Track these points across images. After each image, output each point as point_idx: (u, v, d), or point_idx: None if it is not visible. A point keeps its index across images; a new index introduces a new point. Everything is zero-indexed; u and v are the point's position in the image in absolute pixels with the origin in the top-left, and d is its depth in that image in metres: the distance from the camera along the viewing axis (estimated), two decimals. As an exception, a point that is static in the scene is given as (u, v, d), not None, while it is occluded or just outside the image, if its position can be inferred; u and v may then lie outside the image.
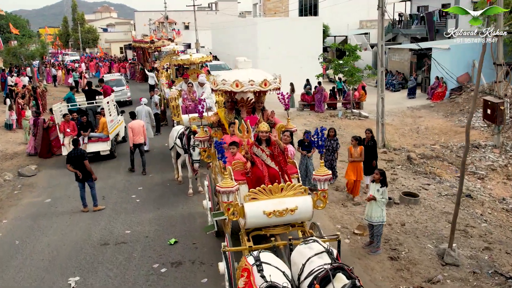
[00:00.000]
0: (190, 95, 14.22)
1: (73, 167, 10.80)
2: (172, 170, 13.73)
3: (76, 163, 10.75)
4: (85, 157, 10.73)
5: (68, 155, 10.91)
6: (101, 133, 15.24)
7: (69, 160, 10.84)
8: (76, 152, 10.81)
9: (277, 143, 7.33)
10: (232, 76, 7.85)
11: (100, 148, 15.01)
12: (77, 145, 10.97)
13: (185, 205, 11.09)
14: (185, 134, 11.48)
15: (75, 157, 10.74)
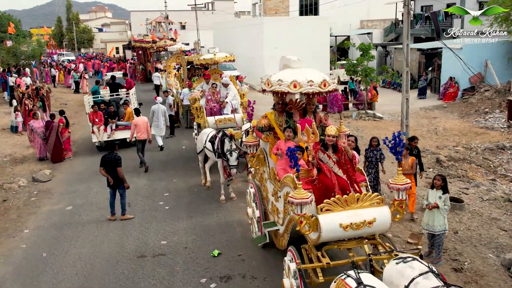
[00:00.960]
0: (214, 96, 13.58)
1: (106, 171, 10.11)
2: (197, 175, 13.13)
3: (109, 168, 10.07)
4: (119, 163, 10.04)
5: (102, 158, 10.23)
6: (127, 122, 16.13)
7: (103, 163, 10.18)
8: (111, 157, 10.14)
9: (345, 150, 6.74)
10: (289, 76, 7.24)
11: (126, 135, 15.78)
12: (114, 149, 10.28)
13: (220, 213, 10.45)
14: (217, 137, 10.83)
15: (109, 161, 10.08)
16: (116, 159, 10.04)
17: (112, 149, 10.27)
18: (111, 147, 10.40)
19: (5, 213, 11.32)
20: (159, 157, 15.46)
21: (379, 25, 48.44)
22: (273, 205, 7.82)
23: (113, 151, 10.23)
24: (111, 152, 10.19)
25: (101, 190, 12.49)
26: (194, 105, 13.63)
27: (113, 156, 10.09)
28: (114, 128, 16.16)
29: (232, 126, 12.93)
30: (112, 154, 10.14)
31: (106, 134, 16.10)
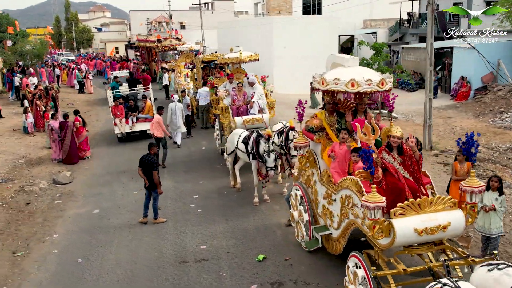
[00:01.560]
0: (241, 96, 13.27)
1: (143, 173, 9.80)
2: (223, 176, 12.84)
3: (146, 170, 9.77)
4: (154, 167, 9.69)
5: (141, 159, 9.93)
6: (147, 115, 17.37)
7: (141, 164, 9.89)
8: (148, 159, 9.82)
9: (412, 150, 6.46)
10: (345, 75, 6.95)
11: (147, 127, 16.61)
12: (152, 150, 9.97)
13: (256, 216, 10.14)
14: (252, 138, 10.53)
15: (146, 163, 9.78)
16: (152, 162, 9.70)
17: (149, 149, 9.92)
18: (150, 147, 10.00)
19: (30, 216, 10.97)
20: (180, 158, 15.14)
21: (383, 24, 48.30)
22: (325, 208, 7.54)
23: (151, 152, 9.88)
24: (149, 153, 9.86)
25: (126, 193, 12.20)
26: (219, 105, 13.29)
27: (150, 158, 9.76)
28: (135, 120, 17.27)
29: (260, 126, 12.62)
30: (150, 156, 9.81)
31: (128, 126, 17.21)
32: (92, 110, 25.88)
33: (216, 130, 14.81)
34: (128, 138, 17.53)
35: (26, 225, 10.50)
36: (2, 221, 10.67)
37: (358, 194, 6.25)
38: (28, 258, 8.96)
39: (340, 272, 7.57)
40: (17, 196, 12.22)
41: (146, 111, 17.55)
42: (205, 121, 18.96)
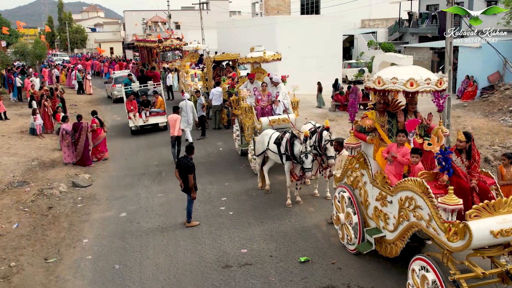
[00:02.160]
0: (265, 96, 13.04)
1: (180, 175, 9.57)
2: (248, 177, 12.64)
3: (182, 172, 9.51)
4: (190, 170, 9.40)
5: (178, 161, 9.72)
6: (159, 109, 18.79)
7: (178, 165, 9.65)
8: (185, 161, 9.53)
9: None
10: (403, 74, 6.78)
11: (158, 120, 18.77)
12: (191, 152, 9.66)
13: (292, 218, 9.92)
14: (285, 139, 10.30)
15: (183, 165, 9.50)
16: (188, 165, 9.42)
17: (187, 152, 9.64)
18: (188, 151, 9.71)
19: (55, 221, 10.64)
20: (198, 159, 14.79)
21: (382, 24, 48.41)
22: (378, 210, 7.35)
23: (189, 153, 9.61)
24: (187, 156, 9.58)
25: (150, 196, 11.92)
26: (242, 105, 13.04)
27: (187, 161, 9.48)
28: (148, 114, 18.46)
29: (287, 126, 12.41)
30: (187, 158, 9.54)
31: (142, 119, 18.38)
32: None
33: (236, 131, 14.55)
34: (141, 131, 18.69)
35: (53, 230, 10.18)
36: (27, 226, 10.34)
37: (424, 196, 6.08)
38: (62, 264, 8.67)
39: (392, 275, 7.42)
40: (38, 200, 11.88)
41: (158, 106, 18.84)
42: (218, 122, 18.70)
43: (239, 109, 14.17)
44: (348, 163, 8.20)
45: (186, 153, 9.68)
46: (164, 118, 18.58)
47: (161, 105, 18.83)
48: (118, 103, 27.54)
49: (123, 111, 20.76)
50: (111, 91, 28.90)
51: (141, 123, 18.42)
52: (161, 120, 18.73)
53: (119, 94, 25.73)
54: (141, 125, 18.44)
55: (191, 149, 9.72)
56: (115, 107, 26.58)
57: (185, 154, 9.72)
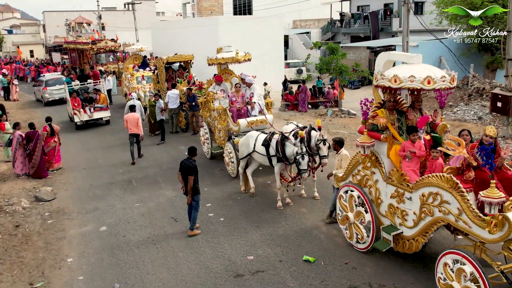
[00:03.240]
0: (239, 97, 12.75)
1: (183, 178, 9.06)
2: (226, 181, 12.32)
3: (184, 175, 9.00)
4: (192, 172, 8.88)
5: (181, 163, 9.13)
6: (102, 105, 20.30)
7: (181, 168, 9.10)
8: (187, 162, 9.01)
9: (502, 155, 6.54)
10: (419, 72, 6.87)
11: (102, 115, 20.38)
12: (192, 154, 9.16)
13: (288, 220, 9.75)
14: (275, 140, 10.10)
15: (185, 167, 8.98)
16: (190, 166, 8.92)
17: (190, 154, 9.17)
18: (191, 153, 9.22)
19: (27, 240, 9.65)
20: (167, 164, 14.28)
21: (313, 24, 49.63)
22: (393, 207, 7.40)
23: (191, 155, 9.14)
24: (190, 157, 9.10)
25: (127, 207, 11.21)
26: (217, 107, 12.63)
27: (189, 162, 8.99)
28: (92, 110, 19.87)
29: (265, 127, 12.26)
30: (190, 160, 9.04)
31: (87, 115, 19.81)
32: (32, 118, 23.59)
33: (205, 134, 14.11)
34: (86, 125, 20.17)
35: (28, 250, 9.22)
36: (-4, 248, 9.28)
37: (453, 191, 6.19)
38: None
39: (407, 270, 7.52)
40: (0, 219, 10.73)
41: (101, 102, 20.34)
42: (175, 125, 18.08)
43: (208, 111, 13.79)
44: (354, 162, 8.19)
45: (188, 155, 9.21)
46: (107, 113, 20.42)
47: (104, 101, 20.41)
48: (51, 106, 26.85)
49: (60, 113, 23.22)
50: (41, 94, 27.62)
51: (86, 118, 19.83)
52: (104, 115, 20.44)
53: (50, 97, 26.86)
54: (86, 120, 19.88)
55: (194, 150, 9.27)
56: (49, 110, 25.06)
57: (187, 156, 9.24)
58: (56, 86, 26.64)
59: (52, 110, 25.56)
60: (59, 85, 26.18)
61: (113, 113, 23.29)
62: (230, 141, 12.25)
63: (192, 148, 9.21)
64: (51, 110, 25.92)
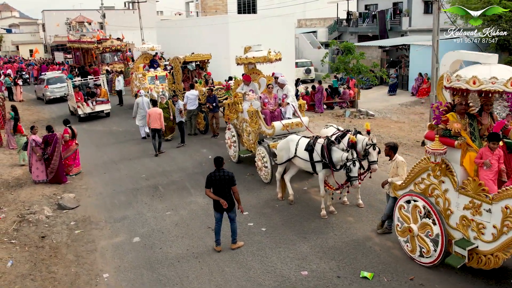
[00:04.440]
0: (271, 98, 12.12)
1: (215, 192, 8.31)
2: (259, 188, 11.69)
3: (220, 188, 8.27)
4: (234, 182, 8.27)
5: (209, 177, 8.30)
6: (103, 98, 21.71)
7: (210, 183, 8.29)
8: (221, 174, 8.25)
9: None
10: (501, 73, 6.27)
11: (103, 108, 21.73)
12: (221, 164, 8.41)
13: (335, 230, 9.13)
14: (320, 145, 9.48)
15: (219, 180, 8.23)
16: (230, 177, 8.26)
17: (218, 165, 8.40)
18: (217, 163, 8.50)
19: (56, 253, 9.00)
20: (191, 169, 13.64)
21: (319, 24, 49.05)
22: (467, 220, 6.80)
23: (221, 166, 8.38)
24: (220, 168, 8.34)
25: (158, 215, 10.55)
26: (249, 109, 11.97)
27: (225, 173, 8.27)
28: (95, 103, 21.23)
29: (300, 130, 11.64)
30: (221, 170, 8.30)
31: (89, 108, 21.11)
32: (40, 119, 22.90)
33: (232, 137, 13.46)
34: (89, 117, 21.39)
35: (58, 265, 8.56)
36: (24, 262, 8.64)
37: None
38: (91, 308, 7.22)
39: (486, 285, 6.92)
40: (22, 229, 10.06)
41: (102, 96, 21.77)
42: (194, 127, 17.43)
43: (236, 113, 13.16)
44: (417, 170, 7.57)
45: (216, 167, 8.46)
46: (108, 106, 21.86)
47: (105, 95, 21.79)
48: (54, 104, 27.11)
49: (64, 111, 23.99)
50: (43, 92, 27.72)
51: (89, 111, 21.08)
52: (105, 108, 21.76)
53: (52, 95, 27.29)
54: (89, 112, 21.12)
55: (221, 161, 8.43)
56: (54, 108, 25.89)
57: (215, 168, 8.49)
58: (57, 84, 27.25)
59: (56, 108, 25.93)
60: (60, 83, 26.92)
61: (123, 113, 22.74)
62: (264, 144, 11.60)
63: (218, 158, 8.37)
64: (55, 108, 26.14)
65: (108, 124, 20.75)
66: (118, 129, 19.82)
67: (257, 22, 30.56)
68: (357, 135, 9.49)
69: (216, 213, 8.46)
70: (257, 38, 28.86)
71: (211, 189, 8.39)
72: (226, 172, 8.28)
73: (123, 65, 32.20)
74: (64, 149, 13.52)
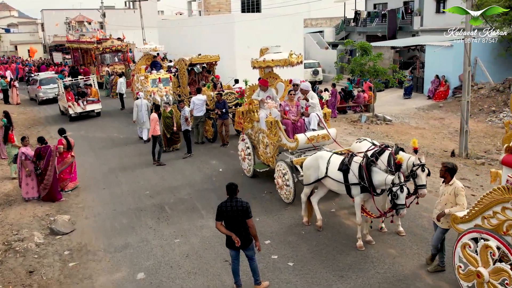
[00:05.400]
0: (293, 106, 10.69)
1: (228, 226, 6.89)
2: (279, 209, 10.27)
3: (232, 221, 6.82)
4: (249, 214, 6.82)
5: (220, 208, 6.86)
6: (94, 98, 21.59)
7: (221, 214, 6.85)
8: (233, 205, 6.80)
9: None
10: None
11: (94, 107, 21.61)
12: (234, 192, 6.92)
13: (376, 266, 7.70)
14: (357, 164, 8.05)
15: (232, 211, 6.79)
16: (244, 208, 6.78)
17: (231, 193, 6.91)
18: (230, 191, 7.06)
19: (47, 293, 7.58)
20: (199, 185, 12.21)
21: (325, 23, 47.66)
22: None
23: (235, 194, 6.95)
24: (233, 196, 6.88)
25: (165, 243, 9.13)
26: (268, 119, 10.54)
27: (238, 203, 6.80)
28: (85, 103, 21.21)
29: (326, 144, 10.23)
30: (234, 200, 6.84)
31: (80, 107, 21.07)
32: (37, 125, 21.52)
33: (246, 148, 12.04)
34: (80, 117, 21.29)
35: (49, 309, 7.15)
36: (6, 306, 7.22)
37: None
38: None
39: None
40: (8, 261, 8.64)
41: (93, 95, 21.67)
42: (201, 135, 16.01)
43: (251, 122, 11.75)
44: (488, 201, 6.14)
45: (229, 195, 6.99)
46: (98, 105, 21.63)
47: (95, 94, 21.63)
48: (46, 104, 26.51)
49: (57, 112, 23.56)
50: (35, 93, 27.32)
51: (79, 110, 21.05)
52: (96, 107, 21.63)
53: (44, 96, 26.82)
54: (80, 112, 21.07)
55: (235, 188, 6.93)
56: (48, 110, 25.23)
57: (227, 196, 7.04)
58: (50, 85, 26.71)
59: (50, 109, 25.29)
60: (53, 84, 26.36)
61: (124, 118, 21.38)
62: (287, 159, 10.16)
63: (231, 186, 6.91)
64: (49, 109, 25.46)
65: (108, 130, 19.34)
66: (119, 136, 18.41)
67: (263, 21, 29.23)
68: (400, 152, 8.09)
69: (231, 250, 7.02)
70: (263, 38, 27.62)
71: (222, 222, 6.93)
72: (240, 201, 6.83)
73: (124, 66, 30.79)
74: (59, 162, 12.15)
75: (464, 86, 14.70)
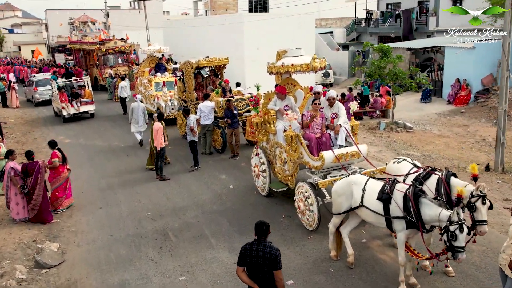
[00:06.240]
0: (318, 118, 9.27)
1: (250, 274, 5.48)
2: (300, 237, 8.89)
3: (257, 269, 5.43)
4: (278, 265, 5.36)
5: (243, 251, 5.47)
6: (87, 99, 21.44)
7: (244, 260, 5.46)
8: (260, 249, 5.39)
9: None
10: None
11: (88, 108, 21.42)
12: (264, 234, 5.50)
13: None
14: (401, 193, 6.62)
15: (257, 257, 5.38)
16: (273, 256, 5.36)
17: (260, 234, 5.46)
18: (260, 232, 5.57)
19: None
20: (208, 204, 10.83)
21: (335, 24, 46.23)
22: None
23: (264, 236, 5.53)
24: (262, 239, 5.50)
25: (168, 281, 7.79)
26: (287, 133, 9.15)
27: (266, 249, 5.39)
28: (79, 104, 21.02)
29: (355, 162, 8.84)
30: (262, 243, 5.46)
31: (74, 108, 20.86)
32: (35, 130, 20.24)
33: (261, 165, 10.64)
34: (73, 118, 21.04)
35: None
36: None
37: None
38: None
39: None
40: (-17, 303, 7.30)
41: (86, 97, 21.51)
42: (208, 145, 14.64)
43: (266, 134, 10.37)
44: None
45: (257, 236, 5.56)
46: (92, 107, 21.53)
47: (89, 96, 21.50)
48: (42, 106, 25.82)
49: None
50: (32, 95, 26.97)
51: (73, 112, 20.84)
52: (90, 108, 21.51)
53: (41, 97, 26.30)
54: (73, 113, 20.87)
55: (266, 229, 5.50)
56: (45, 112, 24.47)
57: (255, 237, 5.64)
58: (46, 86, 26.03)
59: (46, 111, 24.39)
60: (50, 85, 25.34)
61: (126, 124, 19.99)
62: (312, 180, 8.75)
63: (262, 226, 5.48)
64: (45, 110, 24.70)
65: (108, 138, 18.00)
66: (120, 144, 17.06)
67: (272, 21, 27.84)
68: (452, 178, 6.67)
69: None
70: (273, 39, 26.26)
71: (244, 268, 5.53)
72: (269, 247, 5.41)
73: (127, 68, 29.49)
74: (53, 178, 10.85)
75: (502, 93, 13.25)
